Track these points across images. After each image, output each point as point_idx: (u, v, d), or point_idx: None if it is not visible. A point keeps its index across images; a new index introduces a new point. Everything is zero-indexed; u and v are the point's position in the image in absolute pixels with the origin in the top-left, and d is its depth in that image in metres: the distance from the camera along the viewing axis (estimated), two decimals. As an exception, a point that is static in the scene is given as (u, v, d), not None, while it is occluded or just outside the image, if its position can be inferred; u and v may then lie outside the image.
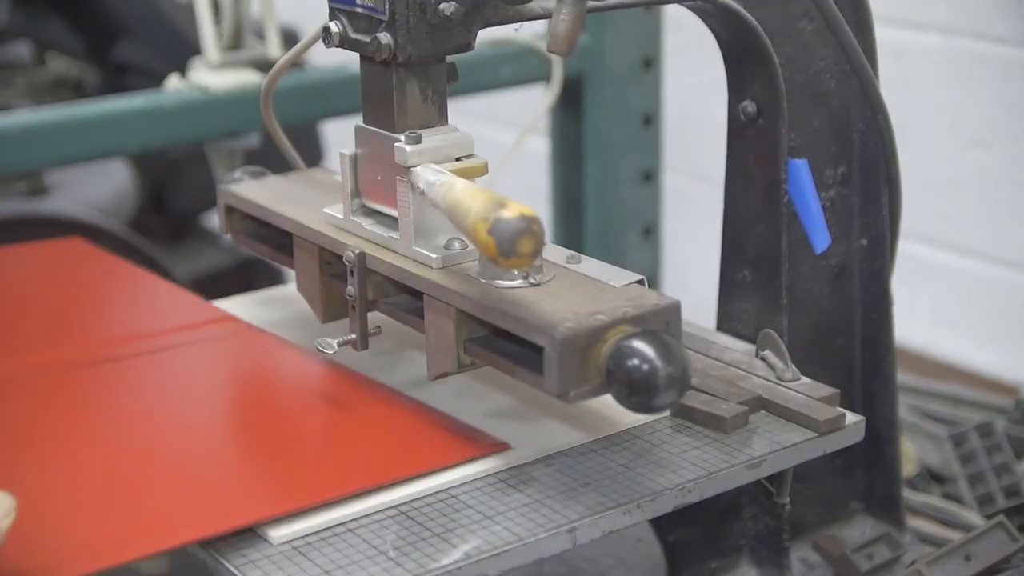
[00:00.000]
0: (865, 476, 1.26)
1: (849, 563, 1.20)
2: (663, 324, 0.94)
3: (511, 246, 0.87)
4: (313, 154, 2.22)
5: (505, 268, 0.94)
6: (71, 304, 1.37)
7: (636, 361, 0.89)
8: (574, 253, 1.03)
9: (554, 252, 1.04)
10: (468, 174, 1.02)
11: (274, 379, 1.20)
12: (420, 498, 0.97)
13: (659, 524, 1.15)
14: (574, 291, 0.97)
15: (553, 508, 0.96)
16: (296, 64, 1.36)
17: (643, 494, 0.97)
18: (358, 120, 1.08)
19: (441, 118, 1.06)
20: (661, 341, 0.89)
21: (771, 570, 1.17)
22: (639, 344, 0.89)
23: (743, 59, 1.15)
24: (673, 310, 0.95)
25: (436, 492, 0.98)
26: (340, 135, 1.78)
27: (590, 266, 1.02)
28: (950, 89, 1.91)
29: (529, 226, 0.88)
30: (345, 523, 0.95)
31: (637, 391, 0.89)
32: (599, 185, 2.01)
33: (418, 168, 1.02)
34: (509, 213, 0.88)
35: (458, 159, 1.04)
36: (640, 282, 0.99)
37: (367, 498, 0.97)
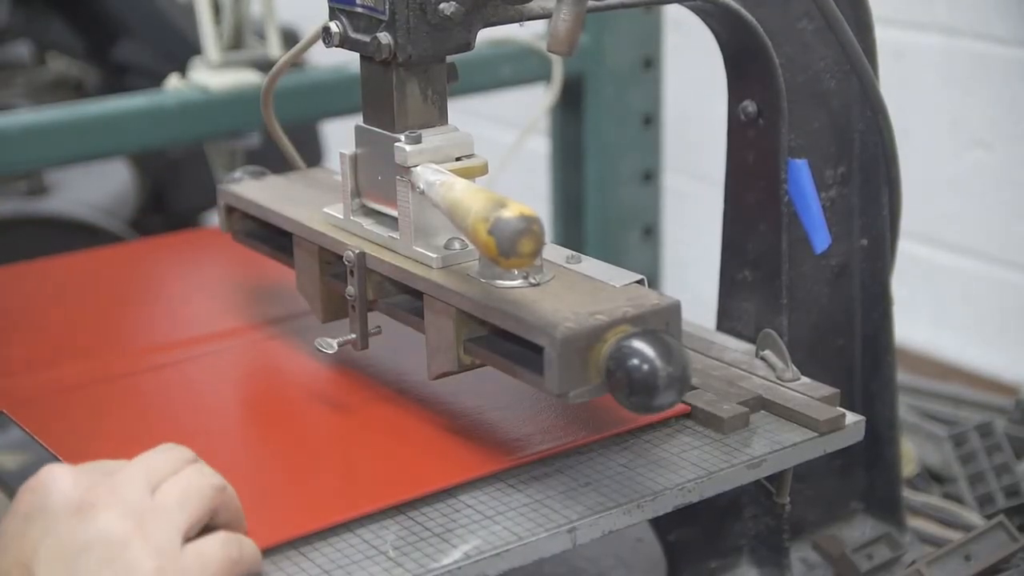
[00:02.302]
0: (865, 476, 1.26)
1: (849, 563, 1.20)
2: (663, 324, 0.94)
3: (511, 246, 0.87)
4: (313, 154, 2.22)
5: (505, 268, 0.94)
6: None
7: (636, 361, 0.89)
8: (574, 253, 1.03)
9: (554, 252, 1.04)
10: (468, 174, 1.02)
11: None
12: (420, 498, 0.97)
13: (659, 524, 1.15)
14: (574, 291, 0.97)
15: (553, 508, 0.96)
16: (296, 64, 1.36)
17: (643, 494, 0.97)
18: (358, 120, 1.08)
19: (441, 118, 1.06)
20: (661, 341, 0.89)
21: (771, 570, 1.17)
22: (639, 344, 0.89)
23: (743, 59, 1.15)
24: (673, 310, 0.95)
25: (436, 492, 0.98)
26: (340, 135, 1.78)
27: (590, 266, 1.02)
28: (950, 89, 1.91)
29: (529, 226, 0.88)
30: (345, 523, 0.95)
31: (637, 391, 0.89)
32: (599, 185, 2.01)
33: (418, 168, 1.01)
34: (509, 213, 0.88)
35: (458, 159, 1.04)
36: (640, 282, 0.99)
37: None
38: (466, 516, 0.95)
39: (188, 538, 0.85)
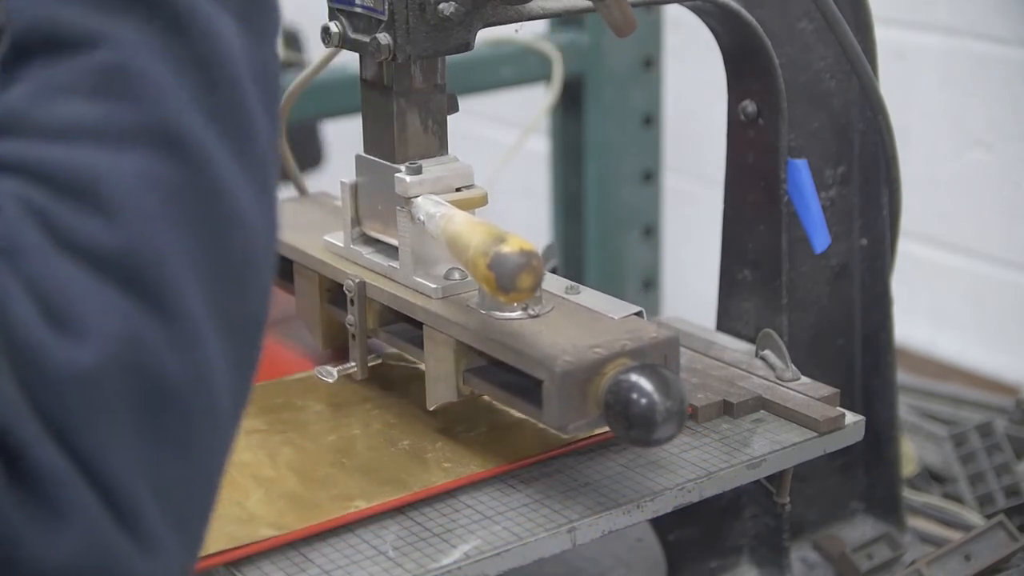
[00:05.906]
0: (865, 476, 1.27)
1: (849, 563, 1.20)
2: (661, 357, 0.94)
3: (511, 281, 0.87)
4: (313, 154, 2.22)
5: (505, 302, 0.94)
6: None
7: (634, 395, 0.88)
8: (573, 284, 1.03)
9: (553, 283, 1.04)
10: (468, 205, 1.02)
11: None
12: (420, 498, 0.97)
13: (659, 524, 1.15)
14: (573, 323, 0.97)
15: (553, 508, 0.96)
16: (296, 64, 1.36)
17: (643, 494, 0.97)
18: (358, 121, 1.08)
19: (441, 148, 1.06)
20: (659, 375, 0.89)
21: (771, 570, 1.17)
22: (637, 378, 0.89)
23: (743, 59, 1.15)
24: (671, 343, 0.95)
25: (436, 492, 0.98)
26: (340, 135, 1.78)
27: (589, 297, 1.02)
28: (951, 89, 1.91)
29: (528, 261, 0.87)
30: (345, 523, 0.95)
31: (636, 425, 0.89)
32: (599, 185, 2.01)
33: (418, 199, 1.01)
34: (508, 248, 0.87)
35: (458, 189, 1.04)
36: (639, 314, 0.99)
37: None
38: (466, 516, 0.95)
39: None
